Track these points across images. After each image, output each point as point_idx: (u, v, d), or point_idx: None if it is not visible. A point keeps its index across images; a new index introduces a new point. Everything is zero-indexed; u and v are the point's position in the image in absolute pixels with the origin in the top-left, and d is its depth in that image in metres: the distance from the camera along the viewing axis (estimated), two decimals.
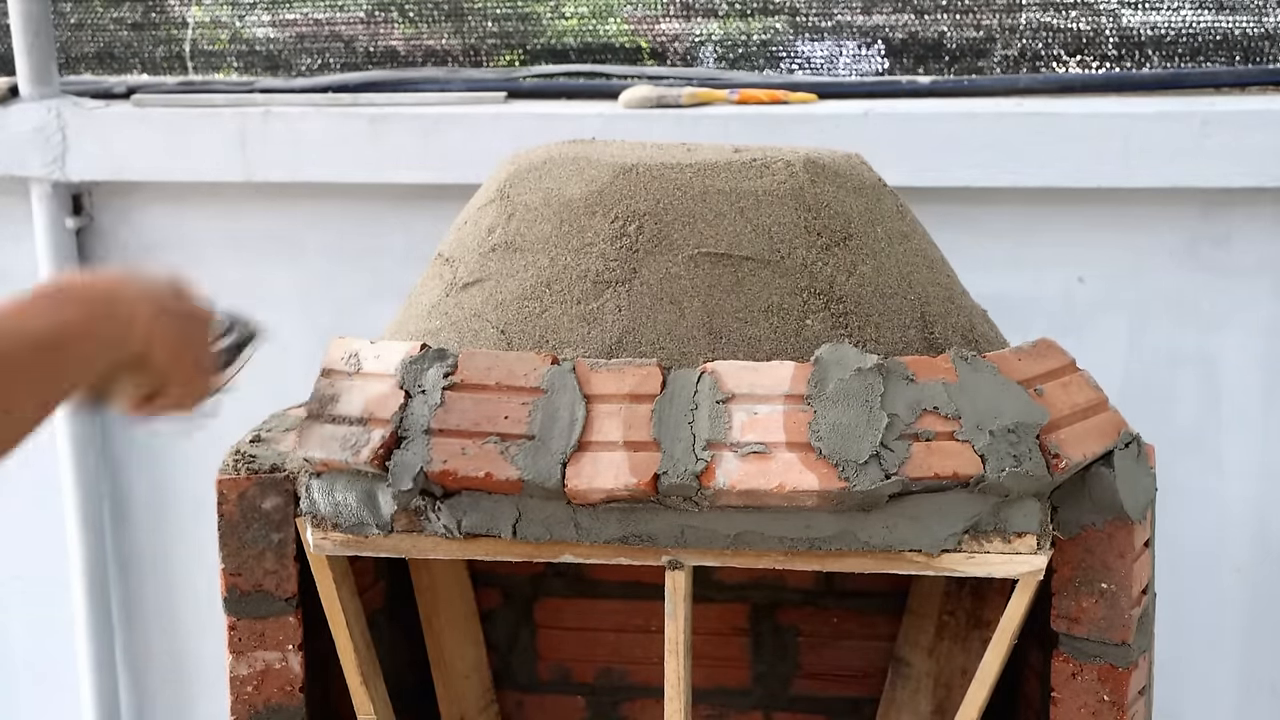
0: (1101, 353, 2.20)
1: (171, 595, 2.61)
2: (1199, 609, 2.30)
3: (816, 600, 1.99)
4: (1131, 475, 1.46)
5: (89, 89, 2.51)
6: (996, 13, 2.35)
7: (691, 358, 1.48)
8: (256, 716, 1.61)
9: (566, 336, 1.51)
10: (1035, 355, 1.52)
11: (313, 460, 1.49)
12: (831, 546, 1.42)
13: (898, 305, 1.54)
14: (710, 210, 1.54)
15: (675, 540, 1.44)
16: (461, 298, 1.58)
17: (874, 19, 2.40)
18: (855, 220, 1.58)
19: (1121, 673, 1.48)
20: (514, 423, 1.43)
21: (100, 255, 2.50)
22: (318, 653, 1.64)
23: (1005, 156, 2.17)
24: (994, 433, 1.39)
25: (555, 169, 1.62)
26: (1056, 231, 2.24)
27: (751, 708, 2.03)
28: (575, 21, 2.51)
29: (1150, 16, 2.31)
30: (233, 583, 1.58)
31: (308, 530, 1.53)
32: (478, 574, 1.99)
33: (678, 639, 1.49)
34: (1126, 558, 1.46)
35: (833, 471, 1.37)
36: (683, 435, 1.41)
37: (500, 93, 2.39)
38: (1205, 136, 2.12)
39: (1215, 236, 2.21)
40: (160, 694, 2.66)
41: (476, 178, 1.83)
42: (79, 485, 2.52)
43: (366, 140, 2.32)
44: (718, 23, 2.48)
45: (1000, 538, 1.41)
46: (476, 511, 1.46)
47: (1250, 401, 2.25)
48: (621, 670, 2.04)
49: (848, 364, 1.42)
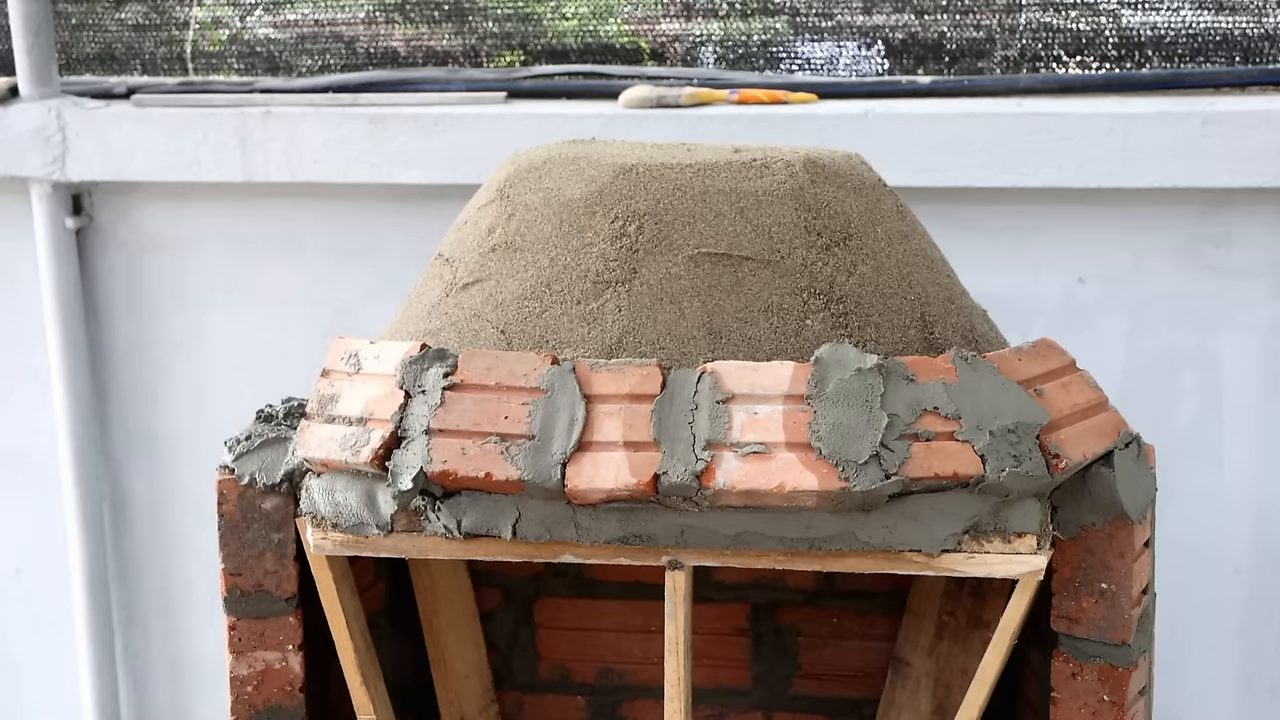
0: (1101, 353, 2.20)
1: (171, 595, 2.61)
2: (1199, 609, 2.30)
3: (816, 600, 1.99)
4: (1131, 475, 1.46)
5: (89, 89, 2.51)
6: (996, 13, 2.35)
7: (691, 358, 1.48)
8: (256, 716, 1.61)
9: (566, 336, 1.51)
10: (1035, 355, 1.52)
11: (312, 460, 1.49)
12: (831, 546, 1.42)
13: (898, 305, 1.54)
14: (710, 210, 1.54)
15: (675, 540, 1.44)
16: (461, 298, 1.58)
17: (874, 19, 2.40)
18: (855, 220, 1.58)
19: (1121, 673, 1.48)
20: (514, 423, 1.43)
21: (100, 255, 2.50)
22: (318, 653, 1.64)
23: (1005, 156, 2.17)
24: (994, 433, 1.39)
25: (555, 169, 1.62)
26: (1056, 231, 2.24)
27: (751, 708, 2.03)
28: (575, 22, 2.51)
29: (1150, 17, 2.31)
30: (233, 583, 1.58)
31: (308, 530, 1.53)
32: (478, 574, 1.99)
33: (678, 639, 1.49)
34: (1126, 558, 1.46)
35: (833, 471, 1.37)
36: (683, 435, 1.41)
37: (500, 93, 2.39)
38: (1205, 136, 2.12)
39: (1215, 236, 2.21)
40: (160, 694, 2.66)
41: (476, 178, 1.84)
42: (79, 485, 2.52)
43: (366, 140, 2.32)
44: (718, 23, 2.48)
45: (1000, 538, 1.41)
46: (476, 511, 1.46)
47: (1250, 401, 2.25)
48: (621, 670, 2.04)
49: (848, 364, 1.42)
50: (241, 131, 2.36)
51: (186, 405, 2.52)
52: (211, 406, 2.50)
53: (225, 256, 2.47)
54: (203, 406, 2.51)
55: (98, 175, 2.42)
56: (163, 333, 2.50)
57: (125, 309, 2.51)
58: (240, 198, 2.44)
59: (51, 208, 2.44)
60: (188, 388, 2.51)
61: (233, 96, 2.42)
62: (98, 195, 2.49)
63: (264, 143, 2.35)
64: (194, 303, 2.49)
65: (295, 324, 2.46)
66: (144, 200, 2.48)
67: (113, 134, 2.40)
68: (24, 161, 2.41)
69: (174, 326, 2.50)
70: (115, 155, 2.40)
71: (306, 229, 2.44)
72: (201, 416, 2.51)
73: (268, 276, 2.46)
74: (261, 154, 2.36)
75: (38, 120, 2.40)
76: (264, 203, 2.44)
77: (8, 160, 2.42)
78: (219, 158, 2.37)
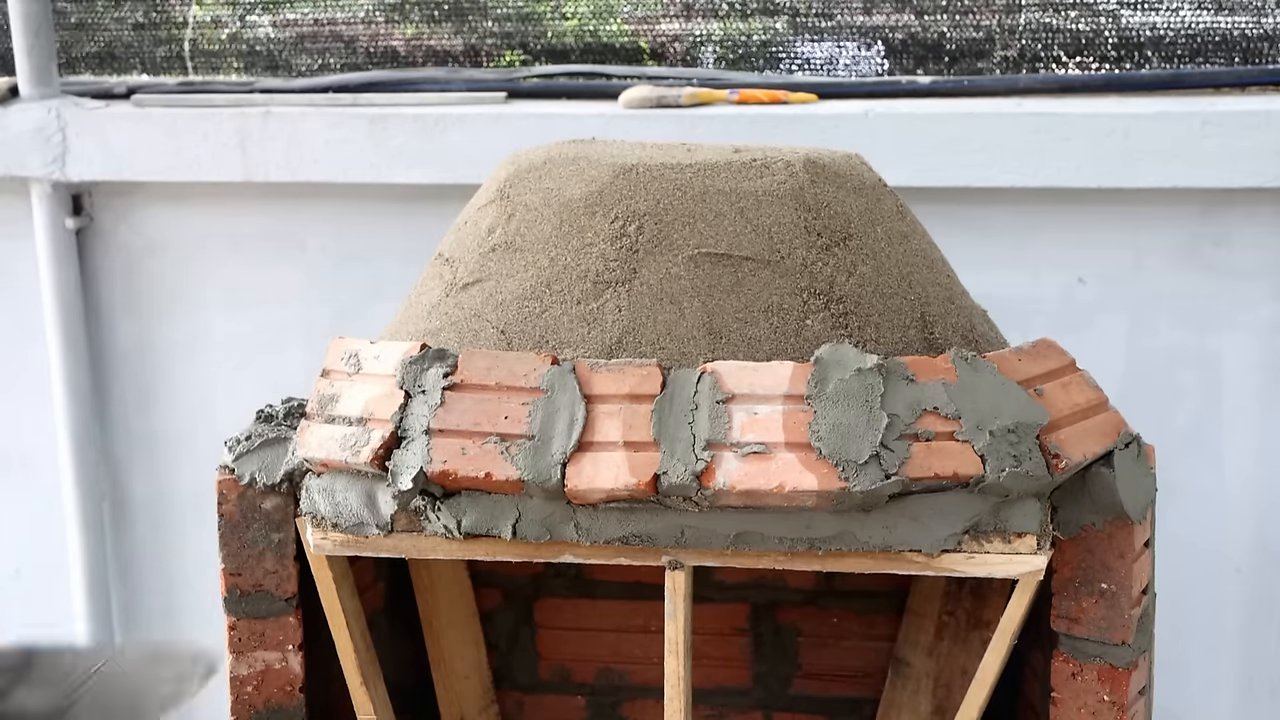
0: (1101, 353, 2.20)
1: (171, 595, 2.61)
2: (1199, 609, 2.30)
3: (816, 600, 1.99)
4: (1131, 475, 1.46)
5: (89, 89, 2.51)
6: (996, 13, 2.35)
7: (691, 358, 1.48)
8: (256, 716, 1.61)
9: (566, 336, 1.51)
10: (1035, 355, 1.52)
11: (312, 460, 1.49)
12: (831, 546, 1.42)
13: (898, 305, 1.54)
14: (710, 210, 1.54)
15: (675, 540, 1.44)
16: (461, 298, 1.58)
17: (874, 19, 2.40)
18: (855, 220, 1.58)
19: (1121, 673, 1.48)
20: (514, 423, 1.43)
21: (100, 255, 2.50)
22: (318, 653, 1.64)
23: (1005, 156, 2.17)
24: (994, 433, 1.39)
25: (555, 169, 1.62)
26: (1056, 231, 2.24)
27: (751, 708, 2.03)
28: (576, 22, 2.51)
29: (1150, 17, 2.31)
30: (233, 583, 1.58)
31: (308, 530, 1.53)
32: (478, 574, 1.99)
33: (678, 639, 1.49)
34: (1126, 558, 1.46)
35: (833, 471, 1.37)
36: (683, 435, 1.41)
37: (500, 93, 2.39)
38: (1205, 136, 2.12)
39: (1215, 236, 2.21)
40: None
41: (476, 178, 1.83)
42: (79, 485, 2.52)
43: (367, 140, 2.32)
44: (718, 23, 2.48)
45: (1000, 538, 1.41)
46: (476, 511, 1.46)
47: (1250, 401, 2.25)
48: (621, 670, 2.04)
49: (848, 364, 1.42)
50: (241, 131, 2.36)
51: (186, 405, 2.52)
52: (211, 406, 2.50)
53: (225, 256, 2.47)
54: (203, 406, 2.51)
55: (98, 175, 2.42)
56: (163, 333, 2.50)
57: (125, 309, 2.51)
58: (240, 198, 2.44)
59: (51, 208, 2.44)
60: (188, 388, 2.51)
61: (233, 96, 2.42)
62: (98, 195, 2.49)
63: (264, 143, 2.35)
64: (194, 303, 2.49)
65: (295, 324, 2.46)
66: (144, 200, 2.48)
67: (113, 134, 2.40)
68: (24, 161, 2.42)
69: (174, 327, 2.50)
70: (115, 155, 2.40)
71: (306, 229, 2.44)
72: (201, 416, 2.51)
73: (268, 276, 2.46)
74: (261, 154, 2.36)
75: (38, 120, 2.40)
76: (264, 203, 2.44)
77: (8, 160, 2.42)
78: (219, 158, 2.37)
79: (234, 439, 1.59)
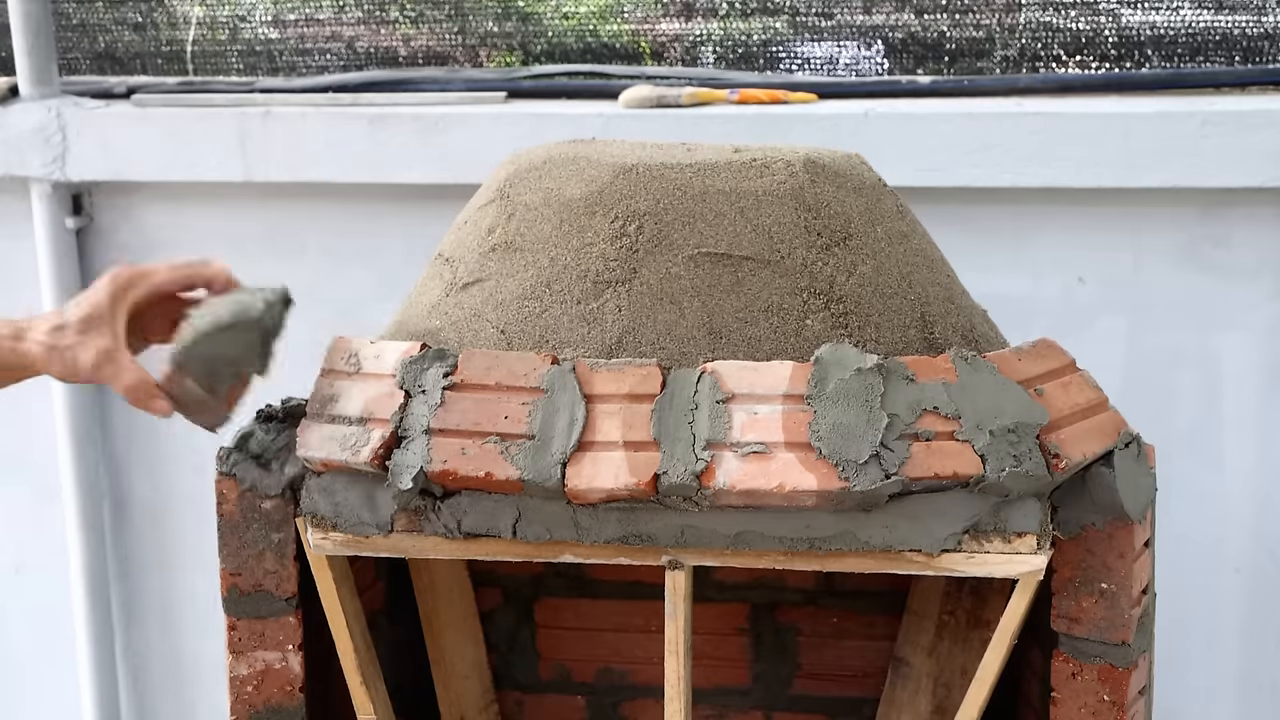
0: (1101, 353, 2.20)
1: (171, 595, 2.61)
2: (1199, 609, 2.30)
3: (816, 600, 1.99)
4: (1131, 475, 1.46)
5: (89, 89, 2.51)
6: (996, 13, 2.35)
7: (691, 358, 1.48)
8: (256, 716, 1.61)
9: (566, 336, 1.51)
10: (1035, 355, 1.52)
11: (312, 460, 1.49)
12: (831, 546, 1.42)
13: (898, 305, 1.54)
14: (710, 210, 1.54)
15: (675, 540, 1.44)
16: (461, 298, 1.58)
17: (874, 19, 2.40)
18: (855, 220, 1.58)
19: (1121, 673, 1.48)
20: (514, 423, 1.43)
21: (100, 255, 2.50)
22: (318, 653, 1.64)
23: (1005, 156, 2.17)
24: (994, 433, 1.39)
25: (555, 169, 1.62)
26: (1056, 231, 2.24)
27: (751, 708, 2.03)
28: (575, 22, 2.51)
29: (1150, 16, 2.31)
30: (233, 583, 1.58)
31: (308, 530, 1.53)
32: (478, 574, 1.99)
33: (678, 639, 1.49)
34: (1126, 558, 1.45)
35: (833, 471, 1.37)
36: (683, 435, 1.41)
37: (500, 93, 2.39)
38: (1205, 136, 2.12)
39: (1215, 236, 2.21)
40: (160, 694, 2.66)
41: (476, 178, 1.83)
42: (79, 485, 2.52)
43: (366, 140, 2.32)
44: (718, 23, 2.48)
45: (1000, 538, 1.41)
46: (476, 511, 1.46)
47: (1250, 401, 2.25)
48: (621, 670, 2.04)
49: (848, 364, 1.42)
50: (241, 131, 2.36)
51: None
52: None
53: (225, 256, 2.46)
54: None
55: (98, 175, 2.42)
56: None
57: None
58: (240, 198, 2.44)
59: (51, 208, 2.44)
60: None
61: (233, 96, 2.42)
62: (98, 195, 2.49)
63: (264, 143, 2.35)
64: None
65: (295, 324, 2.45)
66: (144, 200, 2.48)
67: (113, 134, 2.40)
68: (24, 161, 2.41)
69: None
70: (115, 155, 2.40)
71: (306, 229, 2.44)
72: None
73: (267, 276, 2.45)
74: (261, 154, 2.36)
75: (38, 120, 2.40)
76: (264, 203, 2.44)
77: (8, 160, 2.42)
78: (219, 158, 2.37)
79: (234, 439, 1.59)
